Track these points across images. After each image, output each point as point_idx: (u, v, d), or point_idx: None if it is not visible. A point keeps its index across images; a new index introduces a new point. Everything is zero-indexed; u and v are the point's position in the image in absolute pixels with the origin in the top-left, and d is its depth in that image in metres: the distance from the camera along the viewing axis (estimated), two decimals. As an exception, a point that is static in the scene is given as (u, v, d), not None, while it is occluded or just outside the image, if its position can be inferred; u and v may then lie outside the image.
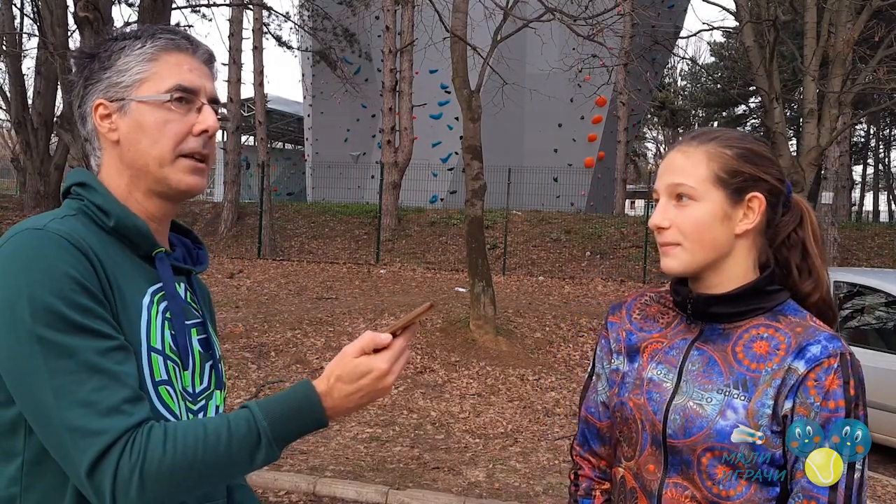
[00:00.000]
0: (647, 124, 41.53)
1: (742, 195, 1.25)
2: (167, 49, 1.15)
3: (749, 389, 1.20)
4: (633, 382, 1.32)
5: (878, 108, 15.63)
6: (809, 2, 10.54)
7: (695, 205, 1.24)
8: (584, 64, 12.31)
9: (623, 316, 1.42)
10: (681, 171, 1.26)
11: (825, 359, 1.18)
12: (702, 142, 1.28)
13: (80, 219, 1.09)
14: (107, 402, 0.95)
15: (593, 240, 15.88)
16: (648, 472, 1.28)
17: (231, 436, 0.99)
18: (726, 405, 1.20)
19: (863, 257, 14.88)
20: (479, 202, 8.56)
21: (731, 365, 1.23)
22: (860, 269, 9.12)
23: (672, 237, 1.26)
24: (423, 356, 7.88)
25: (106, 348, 0.98)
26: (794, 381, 1.18)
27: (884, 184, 43.44)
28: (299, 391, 1.04)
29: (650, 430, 1.27)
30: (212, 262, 14.31)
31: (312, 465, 4.93)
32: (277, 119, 31.53)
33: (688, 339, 1.30)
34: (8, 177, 45.73)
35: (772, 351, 1.22)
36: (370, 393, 1.05)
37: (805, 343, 1.20)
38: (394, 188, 16.51)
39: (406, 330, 1.09)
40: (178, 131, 1.13)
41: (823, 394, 1.17)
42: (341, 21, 18.24)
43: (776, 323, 1.25)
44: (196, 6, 14.67)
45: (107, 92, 1.13)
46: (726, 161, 1.25)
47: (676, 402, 1.24)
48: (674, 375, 1.27)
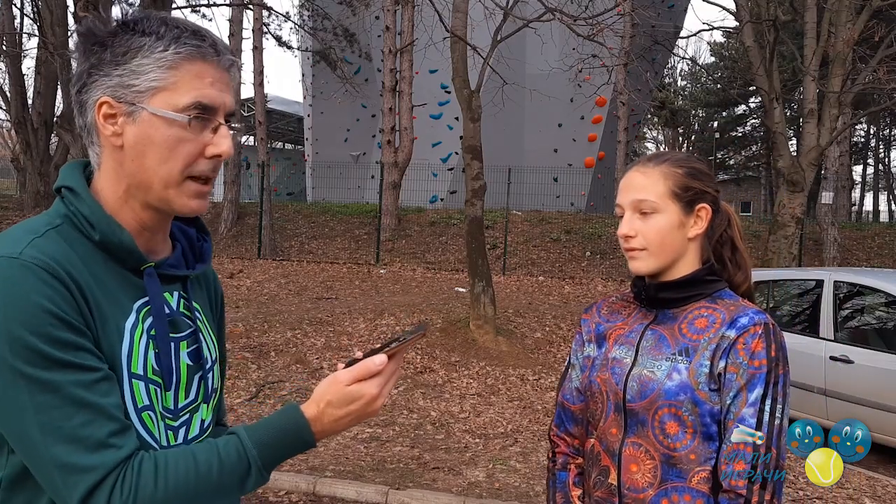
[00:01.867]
0: (647, 124, 41.53)
1: (692, 206, 1.51)
2: (191, 57, 1.04)
3: (690, 355, 1.45)
4: (601, 363, 1.57)
5: (878, 108, 15.63)
6: (809, 2, 10.54)
7: (657, 216, 1.49)
8: (584, 64, 12.31)
9: (594, 313, 1.69)
10: (642, 189, 1.50)
11: (751, 326, 1.42)
12: (657, 163, 1.53)
13: (63, 230, 1.03)
14: (95, 436, 0.94)
15: (593, 240, 15.88)
16: (611, 434, 1.51)
17: (222, 466, 0.98)
18: (672, 369, 1.45)
19: (863, 257, 14.87)
20: (479, 202, 8.56)
21: (676, 338, 1.48)
22: (860, 269, 9.12)
23: (638, 243, 1.50)
24: (423, 356, 7.88)
25: (91, 381, 0.95)
26: (726, 345, 1.42)
27: (884, 184, 43.43)
28: (289, 418, 1.03)
29: (613, 398, 1.50)
30: (212, 262, 14.30)
31: (312, 465, 4.93)
32: (277, 119, 31.54)
33: (644, 322, 1.56)
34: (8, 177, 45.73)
35: (710, 325, 1.47)
36: (359, 416, 1.05)
37: (736, 316, 1.45)
38: (394, 188, 16.51)
39: (398, 352, 1.09)
40: (190, 153, 1.05)
41: (750, 354, 1.40)
42: (341, 21, 18.23)
43: (714, 304, 1.50)
44: (196, 6, 14.66)
45: (115, 91, 1.04)
46: (679, 179, 1.51)
47: (633, 372, 1.49)
48: (632, 352, 1.52)
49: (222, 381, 1.34)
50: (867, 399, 5.69)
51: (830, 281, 6.48)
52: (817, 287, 6.62)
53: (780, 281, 7.32)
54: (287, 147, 39.06)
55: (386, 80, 17.05)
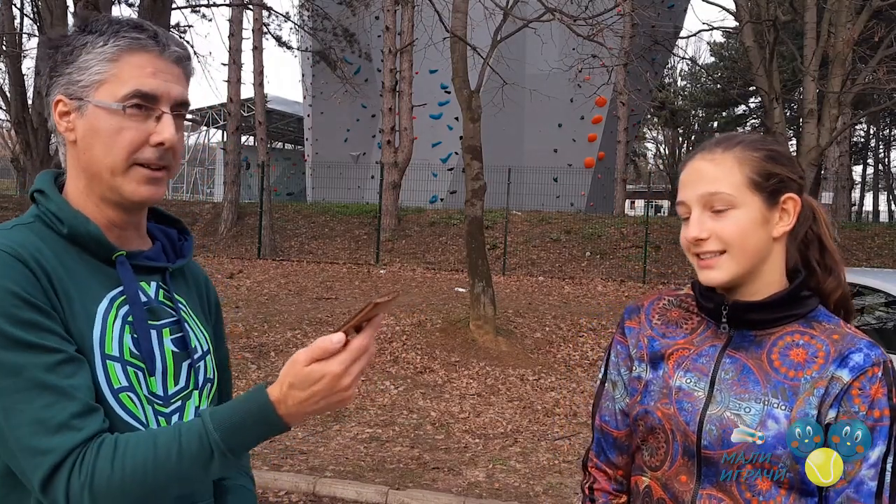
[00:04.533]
0: (647, 124, 41.53)
1: (777, 197, 1.22)
2: (131, 49, 1.08)
3: (789, 398, 1.17)
4: (660, 391, 1.27)
5: (878, 108, 15.64)
6: (809, 2, 10.54)
7: (734, 212, 1.20)
8: (584, 64, 12.30)
9: (642, 321, 1.36)
10: (713, 180, 1.22)
11: (869, 367, 1.16)
12: (727, 147, 1.24)
13: (34, 227, 1.07)
14: (56, 418, 0.94)
15: (593, 240, 15.88)
16: (680, 482, 1.23)
17: (181, 451, 0.97)
18: (767, 415, 1.17)
19: (863, 257, 14.87)
20: (479, 202, 8.56)
21: (767, 373, 1.20)
22: (860, 269, 9.12)
23: (713, 246, 1.21)
24: (423, 356, 7.88)
25: (54, 363, 0.96)
26: (837, 389, 1.16)
27: (884, 184, 43.44)
28: (253, 399, 1.00)
29: (682, 440, 1.22)
30: (212, 262, 14.31)
31: (312, 465, 4.93)
32: (277, 119, 31.55)
33: (717, 345, 1.26)
34: (8, 177, 45.72)
35: (810, 359, 1.19)
36: (328, 397, 0.99)
37: (847, 351, 1.18)
38: (394, 188, 16.50)
39: (365, 328, 1.00)
40: (132, 140, 1.08)
41: (869, 403, 1.15)
42: (341, 21, 18.22)
43: (811, 330, 1.22)
44: (196, 6, 14.66)
45: (67, 89, 1.09)
46: (758, 164, 1.22)
47: (711, 411, 1.20)
48: (705, 384, 1.23)
49: (226, 376, 1.34)
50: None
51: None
52: (817, 287, 6.61)
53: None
54: (287, 147, 39.06)
55: (386, 80, 17.05)
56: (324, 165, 23.31)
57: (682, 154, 42.83)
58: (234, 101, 17.46)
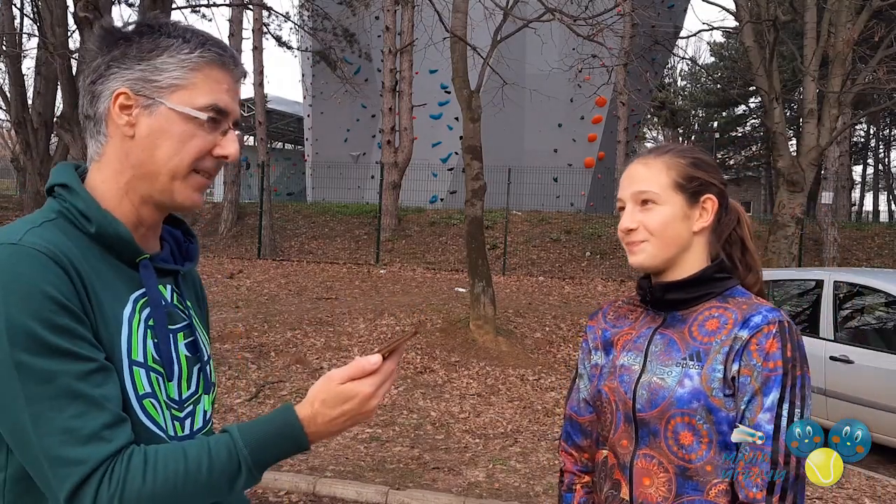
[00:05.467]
0: (647, 124, 41.51)
1: (697, 198, 1.43)
2: (213, 63, 1.11)
3: (702, 359, 1.35)
4: (609, 371, 1.48)
5: (878, 108, 15.64)
6: (809, 2, 10.54)
7: (659, 208, 1.41)
8: (584, 64, 12.30)
9: (599, 319, 1.60)
10: (644, 180, 1.43)
11: (765, 325, 1.33)
12: (659, 154, 1.46)
13: (59, 223, 1.05)
14: (86, 428, 0.94)
15: (593, 240, 15.88)
16: (622, 446, 1.42)
17: (212, 464, 0.98)
18: (683, 375, 1.35)
19: (863, 257, 14.87)
20: (479, 202, 8.56)
21: (687, 342, 1.39)
22: (860, 269, 9.12)
23: (640, 236, 1.42)
24: (423, 356, 7.88)
25: (86, 371, 0.96)
26: (739, 346, 1.33)
27: (884, 184, 43.44)
28: (282, 417, 1.03)
29: (622, 408, 1.42)
30: (212, 262, 14.31)
31: (312, 465, 4.93)
32: (277, 119, 31.53)
33: (652, 326, 1.46)
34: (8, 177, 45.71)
35: (721, 326, 1.37)
36: (354, 417, 1.04)
37: (749, 315, 1.36)
38: (394, 188, 16.50)
39: (393, 353, 1.08)
40: (200, 149, 1.10)
41: (764, 355, 1.31)
42: (341, 21, 18.22)
43: (725, 304, 1.41)
44: (196, 6, 14.65)
45: (135, 84, 1.08)
46: (682, 169, 1.43)
47: (643, 379, 1.40)
48: (641, 358, 1.43)
49: None
50: (867, 399, 5.69)
51: (830, 281, 6.48)
52: (817, 287, 6.62)
53: (779, 281, 7.32)
54: (287, 147, 39.05)
55: (386, 80, 17.05)
56: (324, 165, 23.32)
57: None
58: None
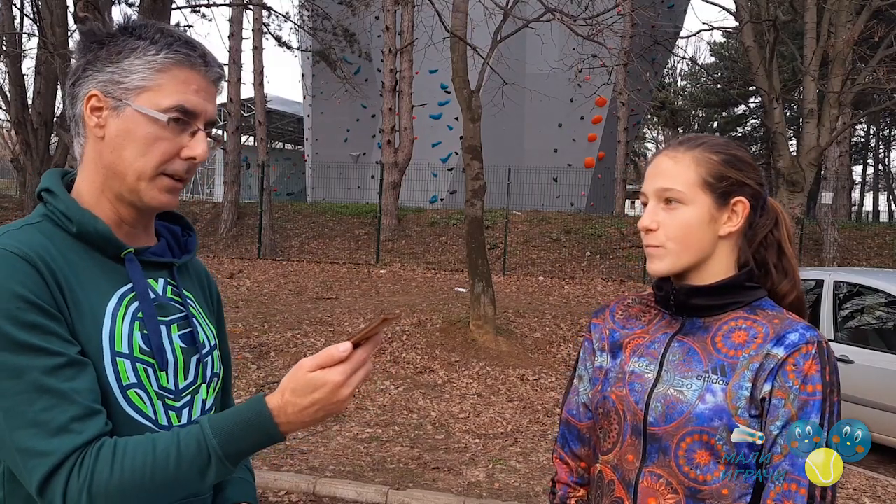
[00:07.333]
0: (647, 124, 41.51)
1: (727, 199, 1.30)
2: (180, 64, 1.11)
3: (727, 374, 1.24)
4: (616, 376, 1.35)
5: (878, 108, 15.61)
6: (809, 2, 10.53)
7: (683, 208, 1.28)
8: (584, 64, 12.29)
9: (606, 317, 1.45)
10: (669, 176, 1.30)
11: (803, 345, 1.21)
12: (689, 147, 1.32)
13: (42, 226, 1.08)
14: (55, 421, 0.95)
15: (593, 240, 15.88)
16: (627, 462, 1.30)
17: (180, 456, 0.98)
18: (705, 390, 1.23)
19: (863, 257, 14.88)
20: (479, 202, 8.56)
21: (710, 353, 1.27)
22: (860, 269, 9.12)
23: (658, 240, 1.30)
24: (423, 356, 7.88)
25: (55, 366, 0.97)
26: (773, 365, 1.21)
27: (884, 184, 43.43)
28: (252, 408, 1.02)
29: (631, 419, 1.29)
30: (212, 262, 14.30)
31: (312, 465, 4.93)
32: (277, 119, 31.53)
33: (669, 332, 1.34)
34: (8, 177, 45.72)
35: (750, 339, 1.26)
36: (325, 406, 1.01)
37: (783, 332, 1.24)
38: (394, 188, 16.50)
39: (367, 342, 1.04)
40: (166, 151, 1.11)
41: (802, 378, 1.20)
42: (341, 21, 18.21)
43: (754, 315, 1.29)
44: (196, 6, 14.65)
45: (105, 86, 1.10)
46: (713, 166, 1.29)
47: (658, 390, 1.27)
48: (655, 366, 1.30)
49: (227, 372, 1.36)
50: (867, 399, 5.69)
51: (830, 281, 6.48)
52: (817, 287, 6.62)
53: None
54: (287, 147, 39.04)
55: (386, 80, 17.04)
56: (324, 165, 23.32)
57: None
58: (234, 101, 17.47)
